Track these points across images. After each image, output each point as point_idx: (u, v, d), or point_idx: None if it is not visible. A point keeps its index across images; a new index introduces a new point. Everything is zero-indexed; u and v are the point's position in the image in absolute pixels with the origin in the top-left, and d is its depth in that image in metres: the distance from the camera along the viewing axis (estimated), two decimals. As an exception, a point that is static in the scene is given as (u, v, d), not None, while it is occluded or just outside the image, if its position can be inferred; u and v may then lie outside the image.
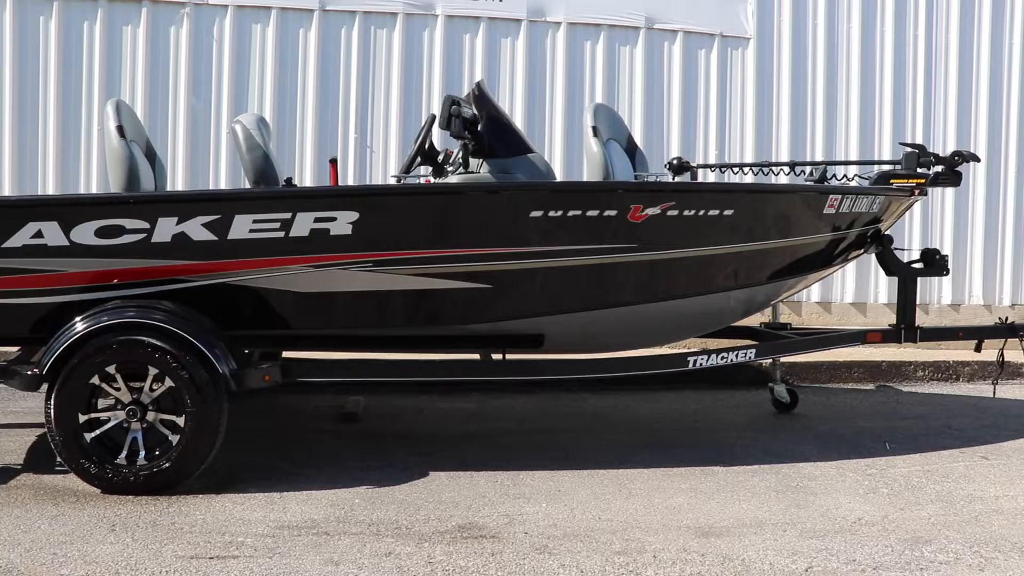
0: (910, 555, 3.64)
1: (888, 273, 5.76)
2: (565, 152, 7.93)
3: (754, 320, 6.08)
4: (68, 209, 4.40)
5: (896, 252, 5.70)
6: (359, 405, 6.05)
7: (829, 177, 5.73)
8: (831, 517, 4.08)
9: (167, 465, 4.25)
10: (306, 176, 7.67)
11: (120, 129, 4.88)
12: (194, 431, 4.26)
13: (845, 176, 5.89)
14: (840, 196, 5.18)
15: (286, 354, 5.28)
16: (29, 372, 4.31)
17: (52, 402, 4.24)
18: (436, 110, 5.47)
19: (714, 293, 5.09)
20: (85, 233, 4.33)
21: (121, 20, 7.52)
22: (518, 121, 7.48)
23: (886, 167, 5.89)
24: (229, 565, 3.44)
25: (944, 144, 8.25)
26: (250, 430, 5.46)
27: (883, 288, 8.24)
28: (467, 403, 6.36)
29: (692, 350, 5.27)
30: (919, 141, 8.04)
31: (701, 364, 5.04)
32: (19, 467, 4.69)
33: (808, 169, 6.17)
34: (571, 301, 4.76)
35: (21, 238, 4.31)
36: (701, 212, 4.79)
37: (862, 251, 5.73)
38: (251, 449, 5.04)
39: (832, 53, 8.28)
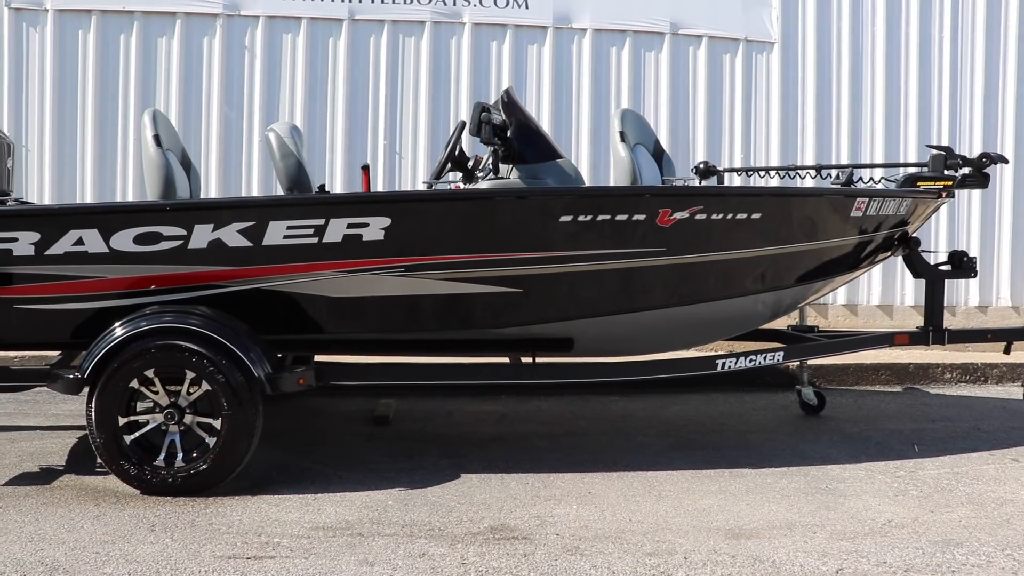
0: (941, 557, 3.65)
1: (915, 275, 5.76)
2: (592, 157, 7.97)
3: (781, 323, 6.09)
4: (108, 217, 4.49)
5: (923, 254, 5.71)
6: (390, 408, 6.11)
7: (855, 180, 5.73)
8: (861, 519, 4.10)
9: (204, 467, 4.33)
10: (337, 183, 7.76)
11: (156, 138, 4.98)
12: (230, 433, 4.33)
13: (872, 179, 5.88)
14: (867, 199, 5.19)
15: (318, 358, 5.36)
16: (70, 376, 4.40)
17: (93, 405, 4.33)
18: (464, 117, 5.54)
19: (742, 296, 5.12)
20: (124, 240, 4.43)
21: (156, 32, 7.67)
22: (545, 127, 7.52)
23: (913, 169, 5.88)
24: (266, 565, 3.51)
25: (971, 146, 8.21)
26: (284, 433, 5.54)
27: (909, 290, 8.22)
28: (497, 406, 6.41)
29: (720, 353, 5.29)
30: (945, 143, 8.01)
31: (729, 367, 5.05)
32: (61, 468, 4.79)
33: (834, 172, 6.18)
34: (600, 305, 4.80)
35: (63, 245, 4.42)
36: (729, 216, 4.82)
37: (889, 254, 5.73)
38: (285, 451, 5.11)
39: (857, 56, 8.26)
